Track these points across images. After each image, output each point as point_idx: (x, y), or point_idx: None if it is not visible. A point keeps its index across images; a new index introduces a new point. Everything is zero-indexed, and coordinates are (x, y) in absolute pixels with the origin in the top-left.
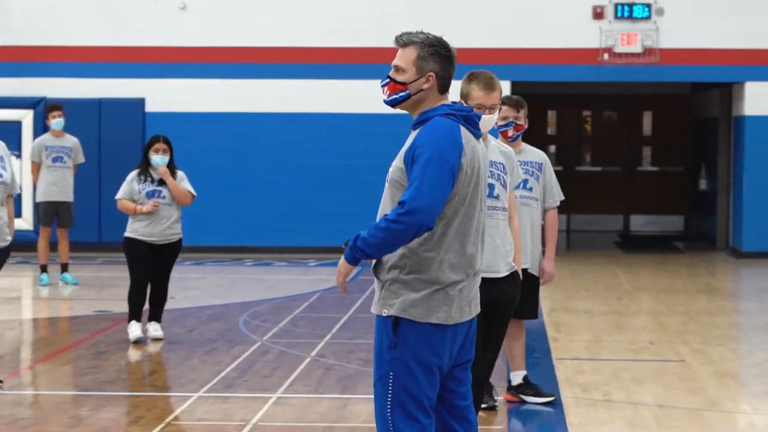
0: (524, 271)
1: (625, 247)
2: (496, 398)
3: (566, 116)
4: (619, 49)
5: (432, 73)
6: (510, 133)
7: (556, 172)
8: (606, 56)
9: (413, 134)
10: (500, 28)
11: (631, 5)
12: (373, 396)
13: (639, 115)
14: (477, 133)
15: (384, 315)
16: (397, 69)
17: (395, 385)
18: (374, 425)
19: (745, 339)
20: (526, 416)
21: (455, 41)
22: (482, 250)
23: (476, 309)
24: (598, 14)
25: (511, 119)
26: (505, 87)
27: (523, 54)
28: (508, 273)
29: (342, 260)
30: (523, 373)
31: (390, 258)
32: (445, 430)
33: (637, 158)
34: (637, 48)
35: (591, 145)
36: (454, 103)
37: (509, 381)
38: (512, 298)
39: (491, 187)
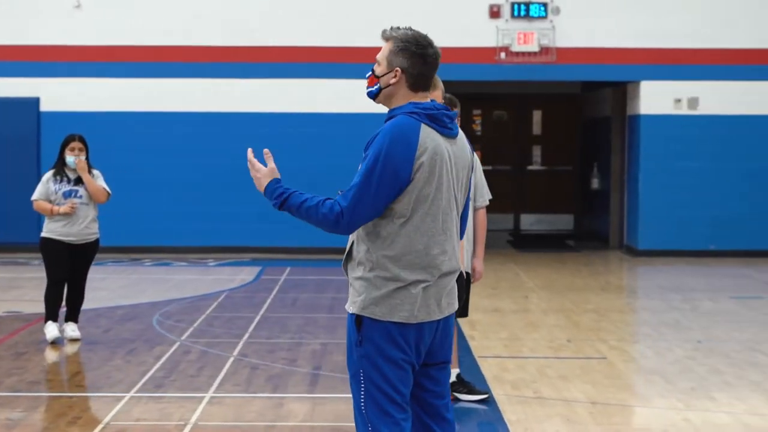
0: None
1: (518, 246)
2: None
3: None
4: (515, 48)
5: (398, 69)
6: None
7: None
8: (503, 55)
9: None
10: (395, 24)
11: (527, 4)
12: (302, 395)
13: (529, 114)
14: (445, 132)
15: (350, 312)
16: (377, 62)
17: (366, 381)
18: (313, 423)
19: (659, 336)
20: (464, 414)
21: (349, 40)
22: (455, 250)
23: (449, 308)
24: (494, 13)
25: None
26: None
27: None
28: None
29: (264, 185)
30: (457, 371)
31: (357, 256)
32: (422, 429)
33: (527, 157)
34: (533, 47)
35: (481, 144)
36: (433, 101)
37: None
38: (458, 298)
39: None
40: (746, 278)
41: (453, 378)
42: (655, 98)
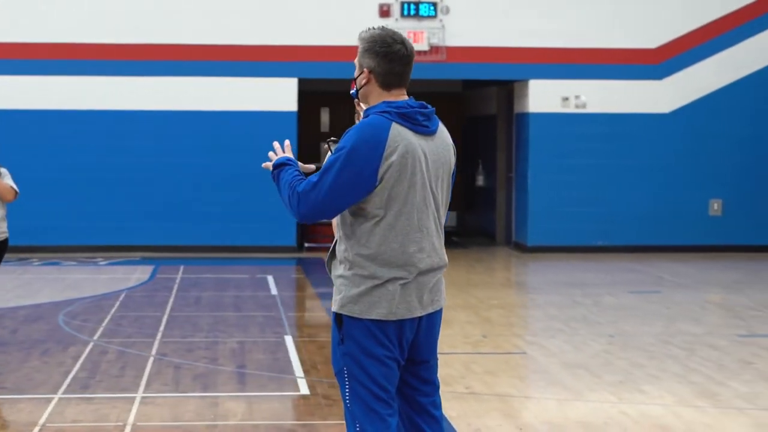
0: None
1: None
2: None
3: (339, 113)
4: None
5: (367, 70)
6: None
7: None
8: None
9: None
10: (286, 24)
11: (417, 4)
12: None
13: None
14: (419, 129)
15: (332, 311)
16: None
17: (350, 379)
18: (255, 422)
19: (571, 331)
20: None
21: (235, 38)
22: (435, 246)
23: (433, 304)
24: (384, 12)
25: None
26: (292, 84)
27: (310, 51)
28: None
29: (277, 159)
30: None
31: (338, 253)
32: (410, 427)
33: None
34: (423, 46)
35: None
36: (410, 98)
37: None
38: None
39: None
40: (638, 273)
41: None
42: (543, 97)
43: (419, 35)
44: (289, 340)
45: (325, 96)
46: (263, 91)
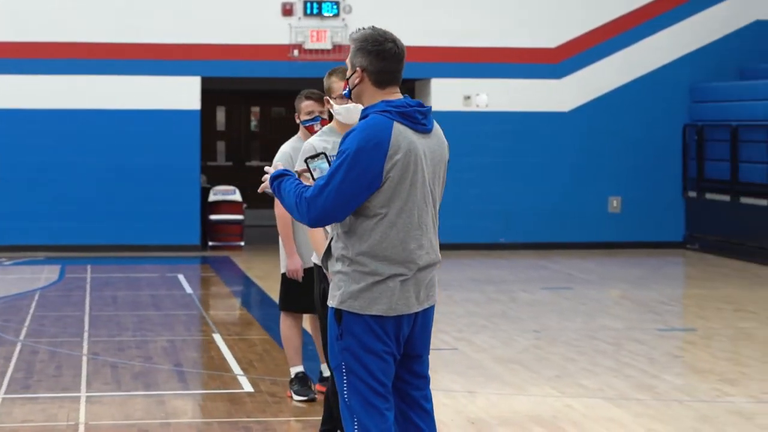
0: None
1: None
2: (314, 390)
3: (235, 112)
4: (308, 46)
5: (360, 69)
6: (316, 128)
7: (226, 168)
8: (296, 53)
9: None
10: (189, 22)
11: (320, 3)
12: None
13: None
14: (418, 128)
15: (330, 306)
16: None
17: (348, 374)
18: (207, 420)
19: (495, 327)
20: None
21: (137, 36)
22: (432, 243)
23: (428, 300)
24: (287, 11)
25: (317, 114)
26: (195, 82)
27: (213, 50)
28: None
29: (269, 179)
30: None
31: (335, 251)
32: (402, 421)
33: None
34: (326, 44)
35: (260, 141)
36: (406, 96)
37: (320, 372)
38: (312, 291)
39: None
40: (548, 269)
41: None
42: (445, 95)
43: (322, 34)
44: (218, 339)
45: (222, 95)
46: (166, 89)
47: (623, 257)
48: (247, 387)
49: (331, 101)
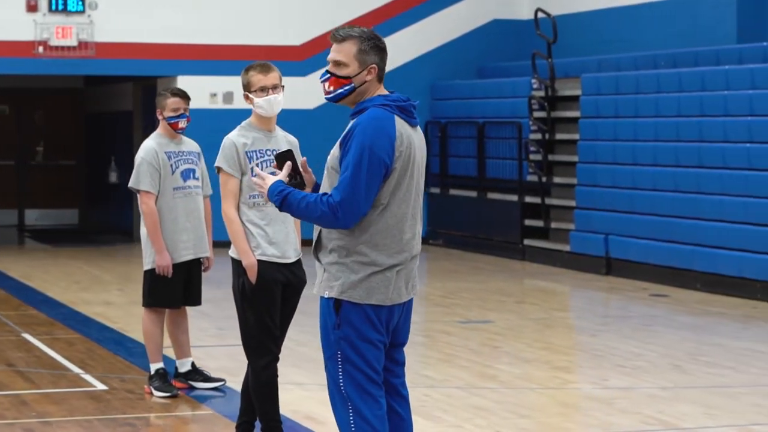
0: (198, 259)
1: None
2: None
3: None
4: (54, 42)
5: (374, 65)
6: (181, 124)
7: None
8: (41, 49)
9: (352, 123)
10: None
11: None
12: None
13: (32, 108)
14: (412, 122)
15: (326, 296)
16: (338, 64)
17: (344, 362)
18: (74, 418)
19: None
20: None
21: None
22: (419, 233)
23: (413, 290)
24: (32, 7)
25: (182, 111)
26: None
27: None
28: (296, 259)
29: (270, 187)
30: (191, 359)
31: (330, 241)
32: None
33: (30, 152)
34: (72, 41)
35: None
36: (392, 92)
37: (176, 368)
38: (302, 282)
39: None
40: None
41: (188, 367)
42: (192, 93)
43: (67, 30)
44: (31, 338)
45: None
46: None
47: None
48: (100, 385)
49: (251, 96)
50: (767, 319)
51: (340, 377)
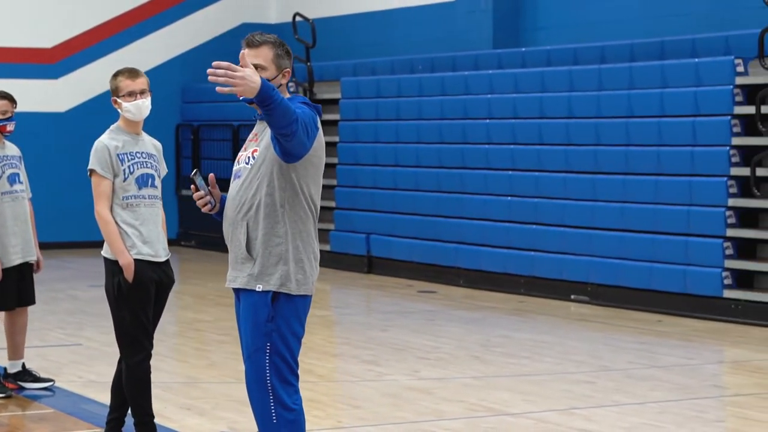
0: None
1: None
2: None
3: None
4: None
5: (288, 69)
6: (9, 127)
7: None
8: None
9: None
10: None
11: None
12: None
13: None
14: None
15: (258, 290)
16: (257, 68)
17: (272, 354)
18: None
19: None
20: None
21: None
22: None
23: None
24: None
25: (10, 114)
26: None
27: None
28: (166, 258)
29: (259, 81)
30: (22, 361)
31: (262, 236)
32: None
33: None
34: None
35: None
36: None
37: (5, 369)
38: (172, 281)
39: (152, 177)
40: (66, 269)
41: (18, 368)
42: None
43: None
44: None
45: None
46: None
47: None
48: None
49: (119, 100)
50: (538, 312)
51: (267, 369)
